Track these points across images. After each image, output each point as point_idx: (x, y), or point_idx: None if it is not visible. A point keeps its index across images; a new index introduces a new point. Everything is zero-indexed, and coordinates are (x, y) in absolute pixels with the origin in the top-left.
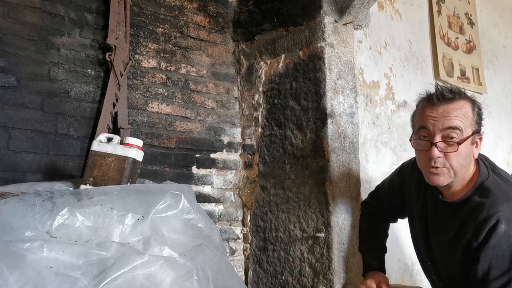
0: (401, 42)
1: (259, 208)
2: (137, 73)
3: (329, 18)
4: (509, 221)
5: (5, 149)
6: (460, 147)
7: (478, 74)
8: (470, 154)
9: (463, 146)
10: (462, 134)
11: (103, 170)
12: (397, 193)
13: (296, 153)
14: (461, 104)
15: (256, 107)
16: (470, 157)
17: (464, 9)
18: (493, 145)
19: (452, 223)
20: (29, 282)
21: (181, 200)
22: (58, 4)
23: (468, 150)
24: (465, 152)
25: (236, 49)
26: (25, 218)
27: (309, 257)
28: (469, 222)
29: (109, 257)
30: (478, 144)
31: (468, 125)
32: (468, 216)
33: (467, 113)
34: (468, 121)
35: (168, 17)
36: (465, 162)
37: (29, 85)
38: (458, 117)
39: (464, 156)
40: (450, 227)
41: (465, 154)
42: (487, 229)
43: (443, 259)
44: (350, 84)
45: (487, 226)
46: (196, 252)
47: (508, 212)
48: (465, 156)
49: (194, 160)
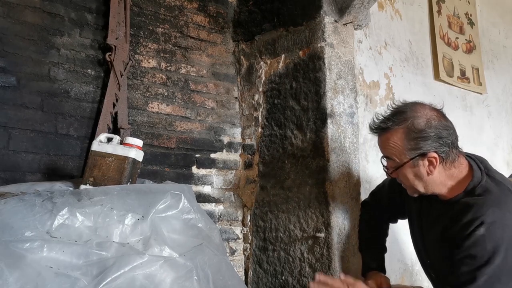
0: (401, 42)
1: (259, 208)
2: (137, 73)
3: (329, 18)
4: (490, 226)
5: (5, 149)
6: (399, 173)
7: (478, 74)
8: (419, 174)
9: (402, 171)
10: (396, 163)
11: (103, 170)
12: (397, 193)
13: (296, 153)
14: (391, 133)
15: (256, 107)
16: (421, 176)
17: (464, 9)
18: (493, 145)
19: (442, 221)
20: (29, 282)
21: (181, 200)
22: (58, 4)
23: (412, 172)
24: (409, 174)
25: (236, 49)
26: (25, 218)
27: (309, 257)
28: (456, 221)
29: (109, 257)
30: (433, 161)
31: (400, 153)
32: (457, 216)
33: (395, 143)
34: (397, 150)
35: (168, 17)
36: (416, 182)
37: (29, 85)
38: (387, 148)
39: (411, 177)
40: (439, 224)
41: (411, 176)
42: (470, 230)
43: (435, 256)
44: (350, 84)
45: (471, 227)
46: (196, 252)
47: (490, 217)
48: (412, 177)
49: (194, 160)
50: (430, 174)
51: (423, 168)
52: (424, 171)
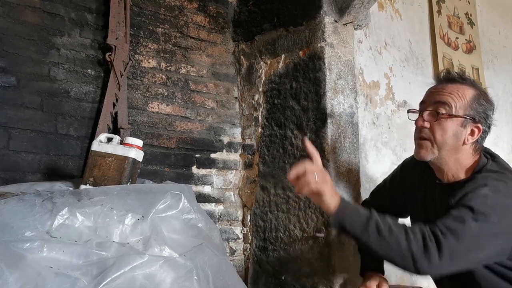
0: (401, 42)
1: (259, 208)
2: (137, 73)
3: (329, 18)
4: (494, 189)
5: (5, 149)
6: (444, 122)
7: (478, 74)
8: (458, 135)
9: (448, 123)
10: (451, 111)
11: (103, 170)
12: (398, 190)
13: (296, 153)
14: (461, 86)
15: (256, 107)
16: (458, 138)
17: (464, 9)
18: (493, 145)
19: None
20: (29, 282)
21: (181, 200)
22: (58, 4)
23: (455, 129)
24: (451, 129)
25: (236, 49)
26: (25, 218)
27: (309, 257)
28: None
29: (109, 257)
30: (475, 132)
31: (461, 106)
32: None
33: (464, 95)
34: (461, 102)
35: (168, 17)
36: (450, 141)
37: (29, 85)
38: (451, 94)
39: (450, 134)
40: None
41: (452, 132)
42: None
43: None
44: (350, 84)
45: (474, 186)
46: (196, 252)
47: (495, 185)
48: (451, 134)
49: (194, 160)
50: (465, 144)
51: (465, 133)
52: (463, 136)
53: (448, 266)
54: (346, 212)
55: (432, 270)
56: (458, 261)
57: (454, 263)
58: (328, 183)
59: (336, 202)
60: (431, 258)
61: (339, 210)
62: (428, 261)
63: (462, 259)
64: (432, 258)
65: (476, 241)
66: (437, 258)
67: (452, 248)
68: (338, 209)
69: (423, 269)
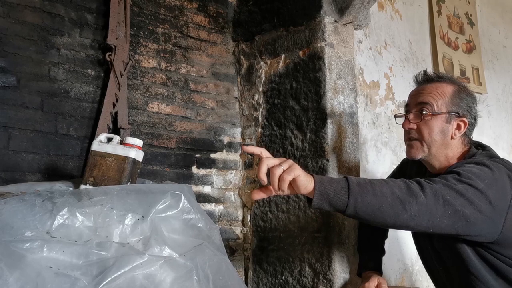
0: (401, 42)
1: (259, 208)
2: (137, 73)
3: (329, 18)
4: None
5: (5, 149)
6: (429, 121)
7: (478, 74)
8: (445, 131)
9: (433, 121)
10: (434, 110)
11: (103, 170)
12: None
13: (296, 153)
14: (440, 84)
15: (256, 107)
16: (445, 134)
17: (464, 9)
18: (493, 145)
19: None
20: (29, 282)
21: (181, 200)
22: (58, 4)
23: (441, 126)
24: (437, 127)
25: (236, 49)
26: (25, 218)
27: (309, 257)
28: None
29: (109, 257)
30: (461, 126)
31: (443, 103)
32: None
33: (443, 92)
34: (442, 99)
35: (168, 17)
36: (437, 137)
37: (29, 85)
38: (431, 93)
39: (437, 131)
40: None
41: (438, 130)
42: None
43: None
44: (350, 84)
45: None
46: (196, 252)
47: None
48: (437, 131)
49: (194, 160)
50: (453, 138)
51: (451, 128)
52: (450, 132)
53: (435, 205)
54: (324, 182)
55: (421, 208)
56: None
57: (440, 201)
58: (296, 166)
59: (312, 178)
60: (417, 196)
61: (318, 182)
62: (415, 200)
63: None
64: (418, 197)
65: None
66: (423, 196)
67: (434, 189)
68: (316, 182)
69: (414, 208)
